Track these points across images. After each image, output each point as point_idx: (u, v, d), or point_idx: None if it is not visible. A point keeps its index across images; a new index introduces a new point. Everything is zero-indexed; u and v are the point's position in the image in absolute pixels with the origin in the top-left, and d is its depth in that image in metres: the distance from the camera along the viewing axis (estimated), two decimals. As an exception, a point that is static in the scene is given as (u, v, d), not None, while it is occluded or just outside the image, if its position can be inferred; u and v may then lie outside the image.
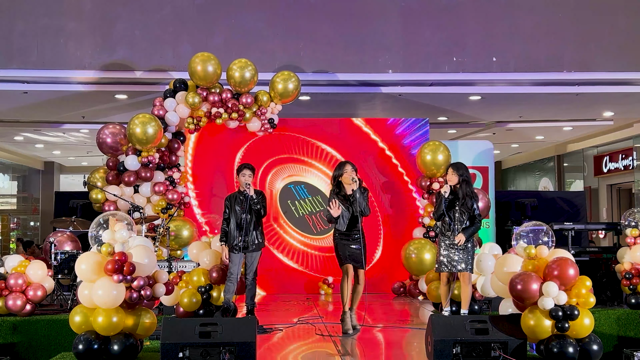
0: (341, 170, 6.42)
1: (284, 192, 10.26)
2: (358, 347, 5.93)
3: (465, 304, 6.61)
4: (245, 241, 6.67)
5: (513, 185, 20.00)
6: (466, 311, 6.61)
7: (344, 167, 6.43)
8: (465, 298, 6.60)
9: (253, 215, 6.74)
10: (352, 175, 6.34)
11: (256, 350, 4.80)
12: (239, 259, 6.71)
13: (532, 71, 10.05)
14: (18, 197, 18.75)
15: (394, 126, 10.41)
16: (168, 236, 8.34)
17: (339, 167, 6.49)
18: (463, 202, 6.55)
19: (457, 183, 6.61)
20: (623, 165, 14.41)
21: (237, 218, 6.71)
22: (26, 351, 6.63)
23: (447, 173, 6.70)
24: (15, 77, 9.88)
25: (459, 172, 6.62)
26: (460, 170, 6.63)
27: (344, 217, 6.34)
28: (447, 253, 6.56)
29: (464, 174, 6.63)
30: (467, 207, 6.54)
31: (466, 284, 6.58)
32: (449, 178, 6.66)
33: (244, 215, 6.69)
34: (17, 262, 6.99)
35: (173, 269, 7.64)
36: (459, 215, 6.56)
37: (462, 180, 6.60)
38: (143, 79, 9.99)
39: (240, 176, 6.80)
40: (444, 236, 6.64)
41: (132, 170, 9.23)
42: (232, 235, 6.72)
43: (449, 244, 6.56)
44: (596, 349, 4.94)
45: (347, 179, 6.37)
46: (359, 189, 6.30)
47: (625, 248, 7.39)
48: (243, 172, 6.79)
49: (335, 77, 10.07)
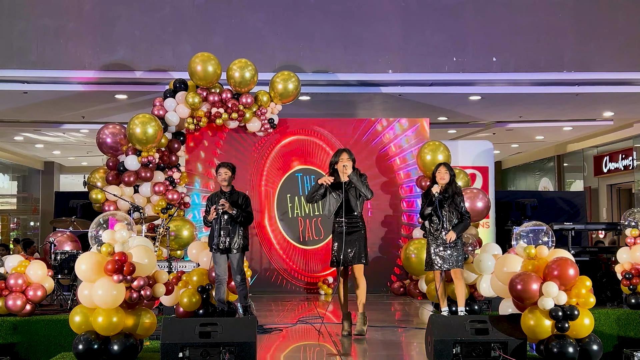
0: (337, 157, 6.39)
1: (288, 182, 10.19)
2: (358, 347, 5.93)
3: (462, 301, 6.65)
4: (227, 242, 6.51)
5: (513, 185, 20.00)
6: (463, 308, 6.63)
7: (340, 154, 6.38)
8: (461, 294, 6.65)
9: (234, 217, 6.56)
10: (345, 163, 6.29)
11: (256, 350, 4.80)
12: (223, 260, 6.56)
13: (532, 71, 10.06)
14: (18, 197, 18.75)
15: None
16: (168, 236, 8.34)
17: (336, 154, 6.46)
18: (452, 200, 6.68)
19: (447, 182, 6.73)
20: (623, 165, 14.41)
21: (219, 219, 6.53)
22: (26, 351, 6.63)
23: (439, 172, 6.78)
24: (15, 77, 9.87)
25: (451, 171, 6.81)
26: (451, 170, 6.83)
27: (330, 204, 6.34)
28: (438, 251, 6.63)
29: (453, 173, 6.86)
30: (456, 204, 6.68)
31: (460, 280, 6.66)
32: (442, 177, 6.75)
33: (225, 217, 6.51)
34: (17, 262, 6.98)
35: (173, 269, 7.63)
36: (448, 214, 6.66)
37: (452, 179, 6.79)
38: (143, 79, 10.00)
39: (217, 175, 6.67)
40: (432, 235, 6.73)
41: (132, 170, 9.23)
42: (214, 236, 6.54)
43: (439, 242, 6.64)
44: (596, 349, 4.94)
45: (340, 167, 6.33)
46: (354, 172, 6.28)
47: (625, 248, 7.38)
48: (219, 172, 6.65)
49: (335, 77, 10.07)
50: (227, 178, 6.62)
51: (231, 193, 6.65)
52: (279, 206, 10.14)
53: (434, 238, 6.70)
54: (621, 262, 7.26)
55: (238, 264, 6.59)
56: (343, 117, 11.56)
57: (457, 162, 10.49)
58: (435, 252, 6.67)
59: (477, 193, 9.43)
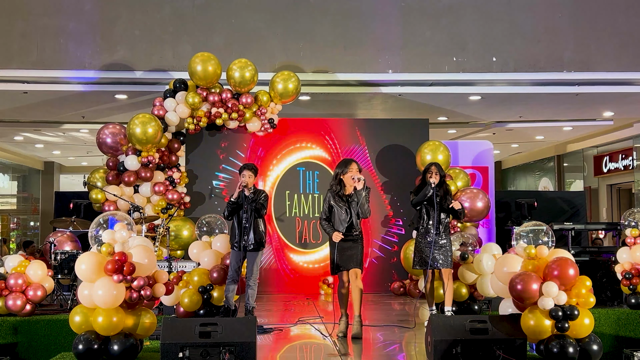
0: (346, 167, 6.25)
1: (287, 176, 10.15)
2: (358, 347, 5.93)
3: (450, 301, 6.68)
4: (245, 240, 6.70)
5: (513, 185, 20.00)
6: (450, 308, 6.66)
7: (350, 165, 6.25)
8: (450, 295, 6.69)
9: (253, 214, 6.76)
10: (357, 175, 6.19)
11: (256, 350, 4.80)
12: (239, 258, 6.74)
13: (532, 71, 10.05)
14: (18, 197, 18.75)
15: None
16: (168, 236, 8.34)
17: (343, 164, 6.31)
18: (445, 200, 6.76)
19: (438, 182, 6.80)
20: (623, 165, 14.40)
21: (238, 217, 6.75)
22: (26, 351, 6.63)
23: (431, 172, 6.79)
24: (15, 77, 9.87)
25: (441, 172, 6.87)
26: (441, 170, 6.89)
27: (341, 220, 6.22)
28: (429, 250, 6.65)
29: (444, 174, 6.94)
30: (448, 203, 6.74)
31: (450, 280, 6.72)
32: (434, 177, 6.77)
33: (245, 215, 6.73)
34: (17, 262, 6.99)
35: (173, 269, 7.64)
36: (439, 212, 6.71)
37: (442, 180, 6.88)
38: (143, 79, 9.99)
39: (241, 177, 6.83)
40: (420, 234, 6.78)
41: (132, 170, 9.23)
42: (233, 234, 6.79)
43: (430, 241, 6.67)
44: (596, 349, 4.94)
45: (349, 178, 6.22)
46: (364, 189, 6.21)
47: (625, 248, 7.38)
48: (243, 173, 6.82)
49: (335, 77, 10.07)
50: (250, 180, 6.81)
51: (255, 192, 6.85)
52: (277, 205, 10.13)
53: (426, 236, 6.72)
54: (621, 262, 7.26)
55: (255, 262, 6.82)
56: (343, 117, 11.56)
57: (457, 162, 10.50)
58: (426, 250, 6.70)
59: (477, 193, 9.43)
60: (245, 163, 7.06)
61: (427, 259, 6.66)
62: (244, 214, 6.74)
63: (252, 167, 6.86)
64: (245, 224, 6.73)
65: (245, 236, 6.71)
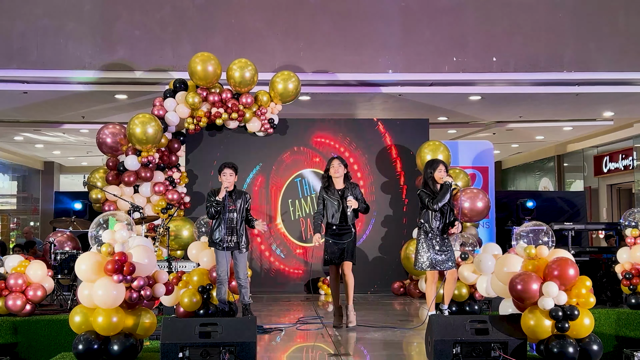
0: (328, 165, 6.85)
1: (289, 189, 10.26)
2: (358, 347, 5.93)
3: (448, 300, 6.74)
4: (232, 241, 6.69)
5: (513, 185, 20.00)
6: (446, 306, 6.71)
7: (331, 162, 6.83)
8: (449, 295, 6.74)
9: (240, 215, 6.78)
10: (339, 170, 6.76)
11: (256, 350, 4.80)
12: (226, 258, 6.70)
13: (532, 71, 10.05)
14: (18, 197, 18.76)
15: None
16: (168, 236, 8.34)
17: (327, 162, 6.90)
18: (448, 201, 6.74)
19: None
20: (623, 165, 14.41)
21: (225, 217, 6.69)
22: (26, 351, 6.63)
23: (439, 170, 6.67)
24: (15, 77, 9.87)
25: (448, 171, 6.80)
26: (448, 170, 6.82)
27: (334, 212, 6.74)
28: (437, 251, 6.56)
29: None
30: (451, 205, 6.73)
31: (454, 281, 6.77)
32: (442, 175, 6.64)
33: (233, 215, 6.74)
34: (17, 262, 6.98)
35: (173, 269, 7.64)
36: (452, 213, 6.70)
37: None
38: (143, 79, 9.99)
39: (222, 175, 6.77)
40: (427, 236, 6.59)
41: (132, 170, 9.23)
42: (220, 235, 6.69)
43: (438, 241, 6.58)
44: (596, 349, 4.94)
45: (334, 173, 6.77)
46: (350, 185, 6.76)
47: (625, 248, 7.38)
48: (224, 172, 6.75)
49: (335, 77, 10.07)
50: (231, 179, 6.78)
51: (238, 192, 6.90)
52: (282, 207, 10.21)
53: (434, 237, 6.59)
54: (621, 262, 7.25)
55: (245, 262, 6.84)
56: (343, 117, 11.56)
57: (457, 162, 10.50)
58: (435, 251, 6.62)
59: (477, 193, 9.42)
60: (225, 162, 6.93)
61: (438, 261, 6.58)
62: (235, 215, 6.73)
63: (232, 166, 6.81)
64: (236, 225, 6.73)
65: (236, 237, 6.71)
